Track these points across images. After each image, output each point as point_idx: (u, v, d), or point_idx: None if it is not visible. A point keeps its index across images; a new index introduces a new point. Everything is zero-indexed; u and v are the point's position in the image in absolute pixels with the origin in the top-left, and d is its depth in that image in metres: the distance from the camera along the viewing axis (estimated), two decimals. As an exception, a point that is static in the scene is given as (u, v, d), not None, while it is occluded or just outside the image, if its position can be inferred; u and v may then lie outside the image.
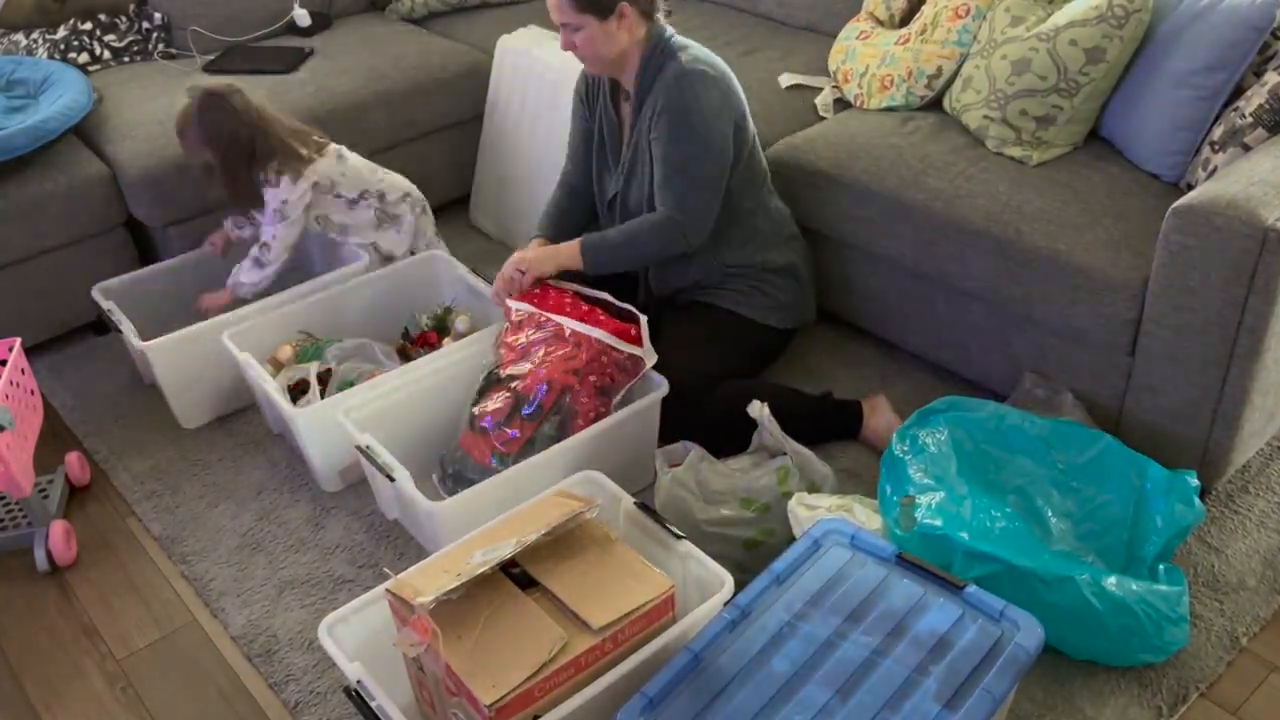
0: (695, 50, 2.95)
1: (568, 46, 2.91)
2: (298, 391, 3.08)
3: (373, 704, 2.13)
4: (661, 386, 2.87)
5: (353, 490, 3.10)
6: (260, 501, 3.10)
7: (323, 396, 3.02)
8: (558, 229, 3.22)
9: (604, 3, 2.81)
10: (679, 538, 2.45)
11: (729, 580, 2.33)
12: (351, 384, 3.06)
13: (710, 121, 2.90)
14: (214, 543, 2.98)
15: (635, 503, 2.55)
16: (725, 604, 2.22)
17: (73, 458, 3.18)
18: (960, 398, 2.84)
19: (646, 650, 2.19)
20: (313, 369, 3.09)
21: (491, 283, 3.18)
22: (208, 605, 2.82)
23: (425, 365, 3.03)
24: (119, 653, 2.73)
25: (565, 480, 2.60)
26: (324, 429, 2.92)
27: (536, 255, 3.03)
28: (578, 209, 3.28)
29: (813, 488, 2.74)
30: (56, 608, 2.86)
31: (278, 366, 3.19)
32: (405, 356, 3.30)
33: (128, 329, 3.24)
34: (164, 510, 3.10)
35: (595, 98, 3.14)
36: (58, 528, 2.94)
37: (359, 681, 2.17)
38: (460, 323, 3.36)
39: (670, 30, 2.96)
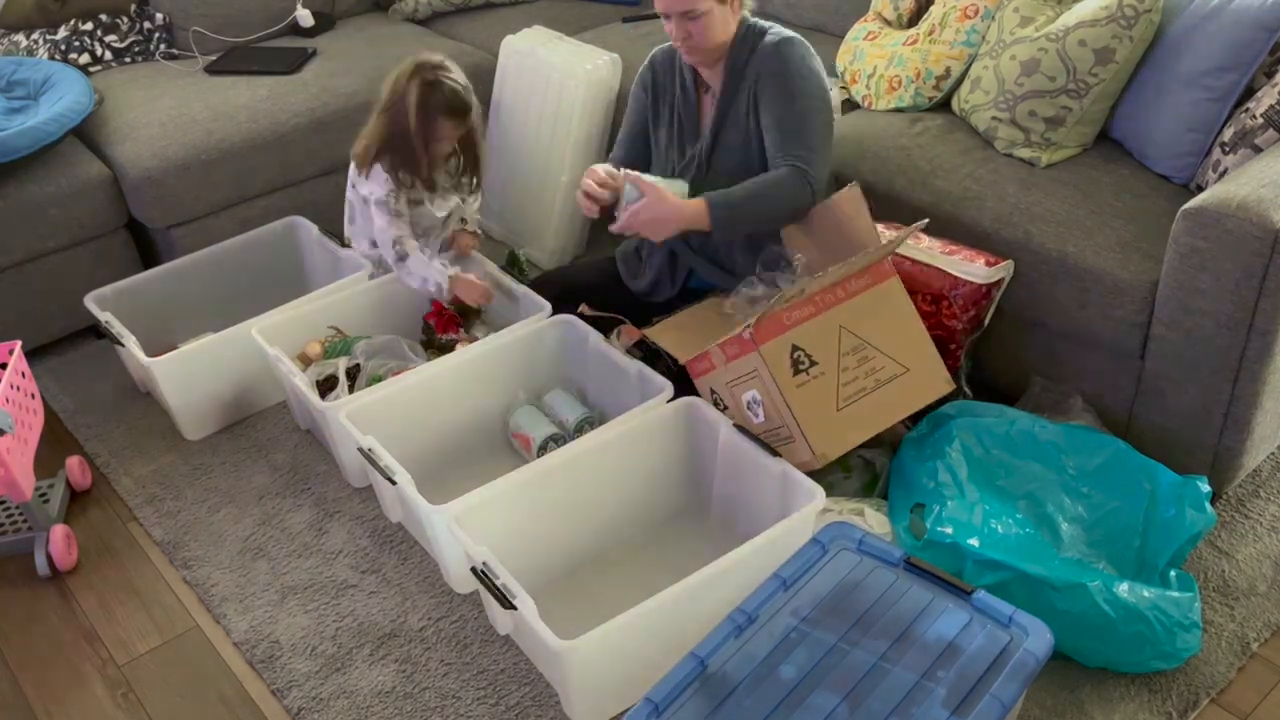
0: (780, 27, 2.99)
1: (681, 37, 2.88)
2: (326, 387, 3.09)
3: (497, 582, 2.35)
4: (665, 390, 2.84)
5: (356, 495, 3.08)
6: (262, 506, 3.08)
7: (351, 392, 3.04)
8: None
9: None
10: (775, 455, 2.62)
11: (820, 492, 2.50)
12: (380, 379, 3.06)
13: (816, 77, 2.95)
14: (216, 548, 2.97)
15: (734, 425, 2.71)
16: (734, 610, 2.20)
17: (73, 462, 3.17)
18: (969, 402, 2.82)
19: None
20: (341, 364, 3.11)
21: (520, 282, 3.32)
22: (209, 611, 2.80)
23: (440, 366, 3.03)
24: (120, 658, 2.72)
25: (674, 404, 2.81)
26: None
27: (653, 212, 2.85)
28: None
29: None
30: (57, 613, 2.85)
31: (306, 362, 3.20)
32: (427, 346, 3.36)
33: (130, 342, 3.23)
34: (165, 515, 3.08)
35: (667, 89, 3.13)
36: (58, 532, 2.92)
37: (484, 563, 2.39)
38: (478, 329, 3.38)
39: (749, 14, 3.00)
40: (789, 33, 2.96)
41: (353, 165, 3.35)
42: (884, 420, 2.71)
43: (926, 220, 2.86)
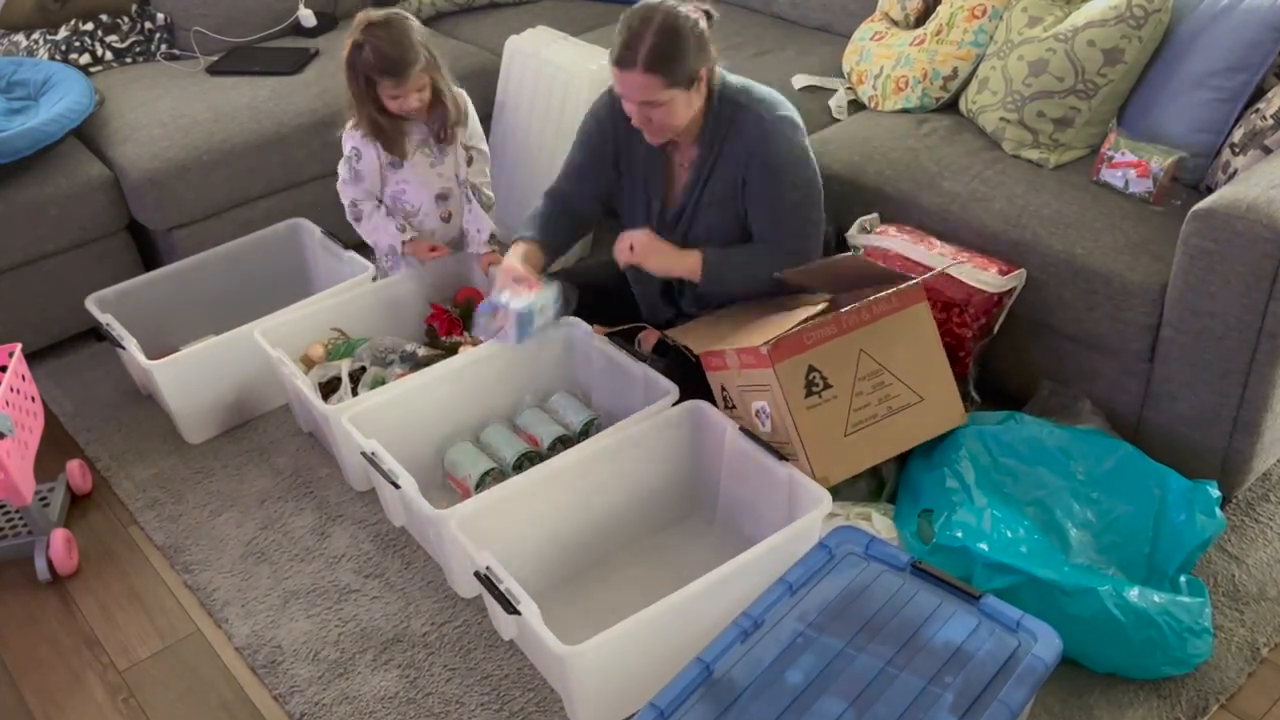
0: (758, 91, 2.89)
1: (642, 123, 2.80)
2: (329, 390, 3.09)
3: (501, 586, 2.34)
4: (670, 393, 2.83)
5: (359, 499, 3.07)
6: (264, 510, 3.06)
7: (354, 394, 3.03)
8: (544, 237, 3.10)
9: (690, 74, 2.72)
10: (781, 459, 2.61)
11: (827, 496, 2.49)
12: (383, 382, 3.05)
13: (806, 164, 2.87)
14: (217, 552, 2.95)
15: (740, 428, 2.71)
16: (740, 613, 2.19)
17: (74, 465, 3.15)
18: (977, 411, 2.82)
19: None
20: (344, 366, 3.11)
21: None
22: (211, 615, 2.79)
23: (443, 369, 3.01)
24: (121, 664, 2.70)
25: (680, 408, 2.80)
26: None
27: (652, 247, 2.95)
28: (565, 224, 3.16)
29: None
30: (57, 618, 2.83)
31: (309, 364, 3.19)
32: (430, 349, 3.32)
33: (131, 345, 3.21)
34: (166, 519, 3.07)
35: (626, 138, 3.00)
36: (59, 536, 2.91)
37: (488, 567, 2.38)
38: None
39: (722, 72, 2.89)
40: (775, 111, 2.86)
41: None
42: (891, 449, 2.71)
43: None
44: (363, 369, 3.13)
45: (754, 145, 2.83)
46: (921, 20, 3.60)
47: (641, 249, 2.94)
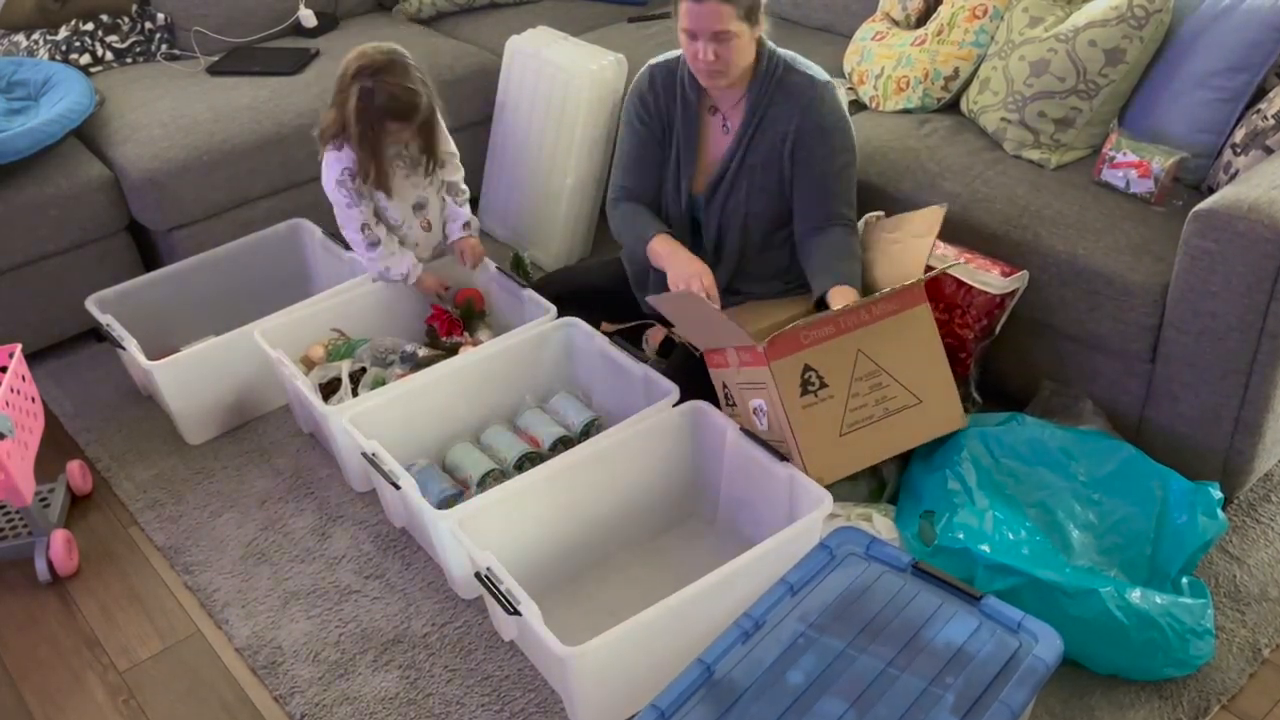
0: (800, 59, 2.95)
1: (708, 58, 2.79)
2: (329, 390, 3.09)
3: (501, 587, 2.33)
4: (671, 393, 2.82)
5: (359, 499, 3.07)
6: (265, 511, 3.06)
7: (354, 395, 3.03)
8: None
9: (755, 8, 2.78)
10: (782, 459, 2.60)
11: (828, 497, 2.48)
12: (384, 382, 3.05)
13: (851, 132, 2.95)
14: (218, 553, 2.95)
15: (741, 429, 2.70)
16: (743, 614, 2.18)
17: (74, 466, 3.15)
18: (978, 413, 2.81)
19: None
20: (344, 367, 3.11)
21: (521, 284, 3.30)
22: (211, 616, 2.79)
23: (444, 370, 3.01)
24: (121, 665, 2.70)
25: (680, 408, 2.79)
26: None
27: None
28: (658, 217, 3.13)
29: None
30: (57, 619, 2.83)
31: (309, 365, 3.19)
32: (431, 349, 3.32)
33: (132, 346, 3.21)
34: (167, 520, 3.07)
35: (669, 110, 3.02)
36: (59, 537, 2.90)
37: (488, 568, 2.37)
38: (482, 332, 3.37)
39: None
40: (819, 72, 2.92)
41: None
42: (886, 450, 2.71)
43: (945, 206, 2.87)
44: (363, 369, 3.13)
45: (805, 105, 2.88)
46: (922, 20, 3.60)
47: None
